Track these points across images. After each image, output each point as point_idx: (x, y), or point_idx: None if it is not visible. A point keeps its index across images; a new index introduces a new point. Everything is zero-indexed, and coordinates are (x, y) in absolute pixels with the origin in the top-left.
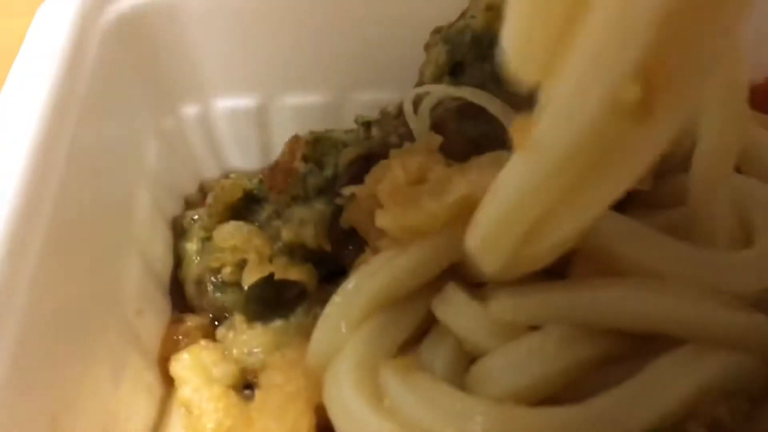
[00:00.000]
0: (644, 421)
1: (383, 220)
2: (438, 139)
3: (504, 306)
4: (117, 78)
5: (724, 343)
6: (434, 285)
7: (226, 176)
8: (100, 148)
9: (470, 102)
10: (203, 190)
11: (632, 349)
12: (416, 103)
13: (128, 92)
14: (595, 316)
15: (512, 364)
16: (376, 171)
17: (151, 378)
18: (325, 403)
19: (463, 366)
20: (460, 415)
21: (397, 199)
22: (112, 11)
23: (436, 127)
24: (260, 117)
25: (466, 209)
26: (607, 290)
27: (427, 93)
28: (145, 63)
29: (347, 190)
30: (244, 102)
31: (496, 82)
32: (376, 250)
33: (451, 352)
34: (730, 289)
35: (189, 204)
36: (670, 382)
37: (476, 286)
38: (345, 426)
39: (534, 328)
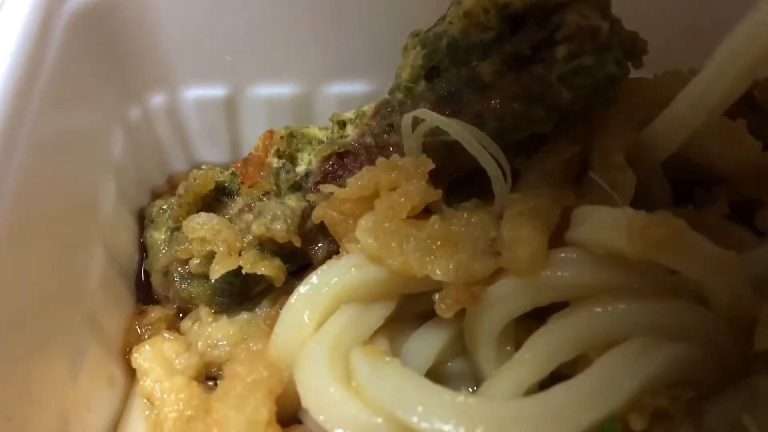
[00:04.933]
0: (595, 417)
1: (365, 235)
2: (430, 165)
3: None
4: (81, 65)
5: (668, 334)
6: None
7: (197, 168)
8: (62, 138)
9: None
10: (171, 182)
11: None
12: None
13: (93, 80)
14: None
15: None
16: (362, 177)
17: (113, 370)
18: (296, 379)
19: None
20: (422, 402)
21: (390, 225)
22: None
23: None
24: (230, 107)
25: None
26: None
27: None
28: (111, 50)
29: (326, 188)
30: (213, 92)
31: (470, 87)
32: (347, 251)
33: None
34: None
35: (156, 195)
36: (620, 378)
37: None
38: (312, 401)
39: None
